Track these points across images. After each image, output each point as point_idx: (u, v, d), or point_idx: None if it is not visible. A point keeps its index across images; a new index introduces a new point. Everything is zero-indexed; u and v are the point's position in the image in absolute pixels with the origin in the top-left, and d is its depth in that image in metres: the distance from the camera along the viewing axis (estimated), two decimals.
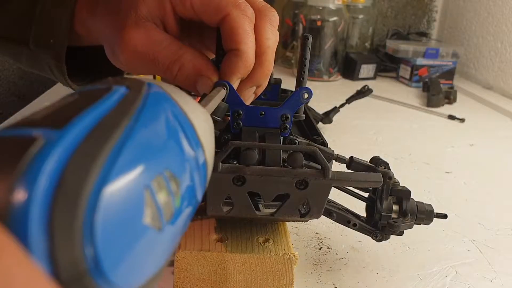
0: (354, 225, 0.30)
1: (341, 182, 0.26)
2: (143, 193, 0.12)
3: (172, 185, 0.14)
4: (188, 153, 0.16)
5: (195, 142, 0.16)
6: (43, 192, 0.10)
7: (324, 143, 0.34)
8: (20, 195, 0.09)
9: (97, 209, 0.10)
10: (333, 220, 0.30)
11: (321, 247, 0.36)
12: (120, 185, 0.11)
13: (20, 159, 0.10)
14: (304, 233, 0.38)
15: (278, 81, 0.45)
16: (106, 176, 0.11)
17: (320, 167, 0.25)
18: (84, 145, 0.11)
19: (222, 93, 0.26)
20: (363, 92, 0.65)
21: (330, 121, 0.64)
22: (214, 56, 0.30)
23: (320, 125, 0.64)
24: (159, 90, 0.16)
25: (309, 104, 0.60)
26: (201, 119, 0.18)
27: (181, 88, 0.19)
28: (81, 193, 0.10)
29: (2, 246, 0.08)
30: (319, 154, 0.24)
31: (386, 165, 0.30)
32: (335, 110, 0.65)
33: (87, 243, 0.10)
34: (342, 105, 0.65)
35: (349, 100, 0.65)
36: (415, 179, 0.51)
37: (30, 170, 0.10)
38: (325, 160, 0.25)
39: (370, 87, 0.66)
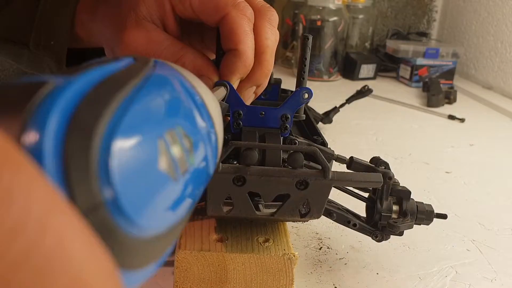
0: (354, 225, 0.30)
1: (341, 182, 0.26)
2: (157, 141, 0.12)
3: (185, 142, 0.14)
4: (200, 124, 0.16)
5: (207, 117, 0.17)
6: (56, 128, 0.10)
7: (324, 143, 0.34)
8: (32, 134, 0.09)
9: (112, 147, 0.10)
10: (333, 220, 0.30)
11: (321, 247, 0.36)
12: (133, 129, 0.11)
13: (32, 98, 0.10)
14: (304, 233, 0.38)
15: (278, 81, 0.45)
16: (120, 119, 0.11)
17: (320, 167, 0.25)
18: (96, 90, 0.11)
19: (222, 93, 0.27)
20: (363, 92, 0.65)
21: (330, 121, 0.64)
22: (215, 56, 0.30)
23: (320, 125, 0.64)
24: (168, 66, 0.17)
25: (309, 104, 0.60)
26: (211, 101, 0.18)
27: None
28: (95, 130, 0.10)
29: (19, 163, 0.08)
30: (319, 154, 0.24)
31: (386, 165, 0.30)
32: (335, 110, 0.65)
33: (103, 176, 0.10)
34: (342, 105, 0.65)
35: (349, 100, 0.65)
36: (415, 179, 0.51)
37: (42, 108, 0.10)
38: (325, 160, 0.25)
39: (370, 87, 0.66)
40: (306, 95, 0.30)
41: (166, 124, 0.13)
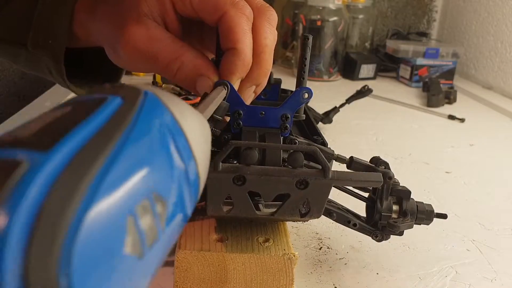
0: (354, 225, 0.30)
1: (341, 182, 0.26)
2: (126, 220, 0.12)
3: (158, 207, 0.13)
4: (179, 167, 0.15)
5: (187, 154, 0.16)
6: (23, 221, 0.10)
7: (324, 143, 0.34)
8: (0, 222, 0.09)
9: (76, 241, 0.10)
10: (333, 220, 0.30)
11: (321, 247, 0.36)
12: (101, 215, 0.11)
13: (3, 185, 0.10)
14: (304, 233, 0.38)
15: (278, 81, 0.45)
16: (88, 204, 0.11)
17: (320, 167, 0.25)
18: (69, 169, 0.11)
19: (223, 93, 0.26)
20: (363, 92, 0.65)
21: (330, 121, 0.64)
22: (214, 56, 0.30)
23: (320, 125, 0.64)
24: (154, 99, 0.16)
25: (309, 104, 0.60)
26: (196, 129, 0.17)
27: (181, 89, 0.19)
28: (61, 224, 0.10)
29: None
30: (319, 154, 0.24)
31: (386, 165, 0.30)
32: (335, 110, 0.65)
33: (63, 274, 0.10)
34: (342, 105, 0.65)
35: (349, 100, 0.65)
36: (415, 179, 0.51)
37: (12, 198, 0.10)
38: (325, 160, 0.25)
39: (370, 87, 0.66)
40: (306, 95, 0.30)
41: (140, 194, 0.12)
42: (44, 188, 0.10)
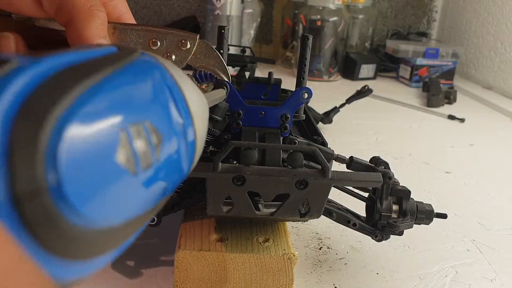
0: (354, 225, 0.30)
1: (341, 182, 0.26)
2: (118, 133, 0.12)
3: (153, 137, 0.14)
4: (175, 119, 0.15)
5: (185, 112, 0.16)
6: (6, 108, 0.09)
7: (324, 143, 0.34)
8: None
9: (64, 133, 0.10)
10: (333, 220, 0.30)
11: (321, 247, 0.36)
12: (93, 118, 0.11)
13: None
14: (304, 233, 0.38)
15: (278, 81, 0.45)
16: (80, 105, 0.11)
17: (320, 167, 0.25)
18: (61, 74, 0.11)
19: (222, 92, 0.27)
20: (363, 92, 0.65)
21: (330, 121, 0.64)
22: None
23: (320, 125, 0.64)
24: (152, 58, 0.16)
25: (309, 104, 0.60)
26: (195, 97, 0.18)
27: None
28: (48, 114, 0.10)
29: None
30: (319, 154, 0.24)
31: (386, 165, 0.30)
32: (335, 110, 0.65)
33: (49, 161, 0.10)
34: (342, 105, 0.65)
35: (349, 100, 0.65)
36: (415, 179, 0.51)
37: None
38: (325, 160, 0.25)
39: (370, 87, 0.66)
40: (306, 95, 0.30)
41: (133, 117, 0.13)
42: (32, 83, 0.10)
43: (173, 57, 0.26)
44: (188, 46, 0.26)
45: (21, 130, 0.10)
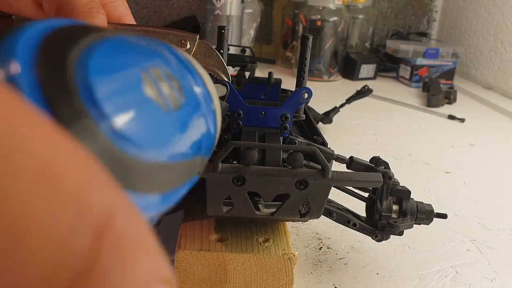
0: (354, 225, 0.30)
1: (341, 182, 0.26)
2: (140, 71, 0.12)
3: (173, 83, 0.14)
4: (193, 86, 0.16)
5: (202, 85, 0.16)
6: (28, 53, 0.10)
7: (324, 143, 0.34)
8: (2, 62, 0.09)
9: (89, 64, 0.10)
10: (333, 220, 0.30)
11: (321, 247, 0.36)
12: (111, 56, 0.12)
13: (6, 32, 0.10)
14: (304, 233, 0.38)
15: (278, 81, 0.45)
16: (96, 46, 0.11)
17: (320, 167, 0.25)
18: (73, 27, 0.12)
19: (222, 88, 0.27)
20: (363, 92, 0.65)
21: (330, 121, 0.64)
22: None
23: (320, 125, 0.64)
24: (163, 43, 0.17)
25: (309, 104, 0.60)
26: (209, 79, 0.18)
27: None
28: (69, 52, 0.10)
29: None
30: (319, 154, 0.24)
31: (386, 165, 0.30)
32: (335, 110, 0.65)
33: (83, 91, 0.10)
34: (342, 105, 0.65)
35: (349, 100, 0.65)
36: (415, 179, 0.51)
37: (12, 37, 0.10)
38: (325, 160, 0.25)
39: (370, 87, 0.66)
40: (306, 95, 0.30)
41: (151, 61, 0.13)
42: (45, 31, 0.11)
43: None
44: (188, 46, 0.26)
45: (47, 70, 0.10)
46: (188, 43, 0.26)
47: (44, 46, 0.10)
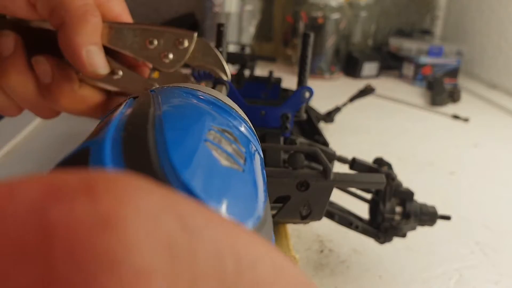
0: (356, 227, 0.29)
1: (342, 183, 0.25)
2: (205, 144, 0.13)
3: (227, 135, 0.15)
4: (239, 127, 0.16)
5: (241, 119, 0.17)
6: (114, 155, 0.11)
7: (325, 143, 0.33)
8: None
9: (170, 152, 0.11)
10: (335, 222, 0.29)
11: (323, 250, 0.35)
12: (178, 137, 0.12)
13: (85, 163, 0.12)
14: (306, 236, 0.37)
15: (278, 80, 0.44)
16: (161, 129, 0.12)
17: (322, 168, 0.25)
18: (129, 122, 0.13)
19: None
20: (366, 92, 0.64)
21: (332, 121, 0.64)
22: None
23: (322, 125, 0.63)
24: (169, 88, 0.17)
25: (311, 104, 0.60)
26: (234, 105, 0.19)
27: None
28: (146, 131, 0.12)
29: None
30: (320, 155, 0.24)
31: (389, 166, 0.29)
32: (337, 110, 0.64)
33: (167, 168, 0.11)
34: (344, 105, 0.64)
35: (351, 100, 0.64)
36: (419, 180, 0.50)
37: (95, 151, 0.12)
38: (326, 161, 0.24)
39: (372, 86, 0.65)
40: (307, 94, 0.29)
41: (203, 127, 0.14)
42: (117, 134, 0.12)
43: (171, 56, 0.25)
44: (186, 44, 0.25)
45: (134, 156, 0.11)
46: (185, 42, 0.25)
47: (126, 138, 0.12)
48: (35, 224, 0.07)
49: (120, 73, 0.26)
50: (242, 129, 0.17)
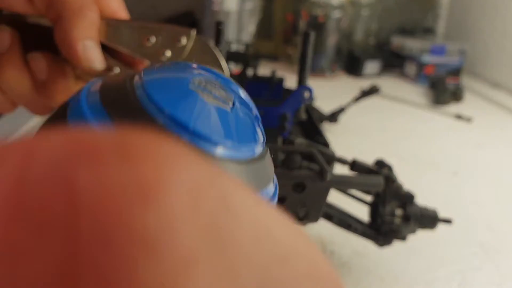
0: (356, 229, 0.29)
1: (339, 185, 0.25)
2: (188, 85, 0.13)
3: (213, 84, 0.15)
4: (228, 83, 0.17)
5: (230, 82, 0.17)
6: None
7: (326, 144, 0.32)
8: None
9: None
10: (334, 224, 0.29)
11: (324, 252, 0.35)
12: (159, 78, 0.13)
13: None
14: None
15: (281, 80, 0.44)
16: (142, 78, 0.13)
17: None
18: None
19: None
20: (371, 92, 0.64)
21: (335, 121, 0.63)
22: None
23: (326, 125, 0.63)
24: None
25: (314, 104, 0.59)
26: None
27: None
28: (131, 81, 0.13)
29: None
30: (317, 156, 0.23)
31: (390, 168, 0.29)
32: (341, 110, 0.63)
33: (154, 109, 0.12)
34: (349, 105, 0.64)
35: (356, 100, 0.64)
36: (421, 180, 0.50)
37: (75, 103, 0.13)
38: (323, 162, 0.24)
39: (376, 86, 0.64)
40: (307, 94, 0.29)
41: (184, 76, 0.14)
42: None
43: (168, 53, 0.25)
44: (184, 42, 0.25)
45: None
46: (184, 39, 0.25)
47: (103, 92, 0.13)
48: (58, 189, 0.06)
49: (117, 70, 0.25)
50: (233, 86, 0.17)
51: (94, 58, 0.23)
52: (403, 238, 0.29)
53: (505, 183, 0.51)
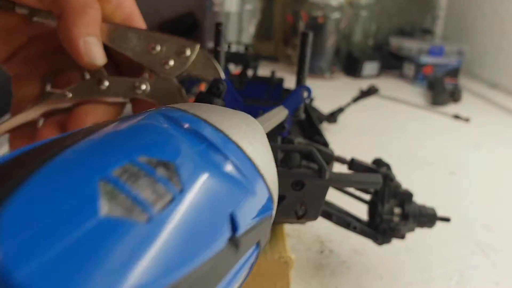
0: (354, 228, 0.29)
1: (338, 183, 0.25)
2: (96, 183, 0.10)
3: (159, 170, 0.12)
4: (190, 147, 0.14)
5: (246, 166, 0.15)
6: None
7: (325, 144, 0.33)
8: None
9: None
10: (333, 222, 0.29)
11: (323, 250, 0.35)
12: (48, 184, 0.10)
13: None
14: (306, 236, 0.37)
15: (281, 81, 0.44)
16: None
17: None
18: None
19: (284, 112, 0.26)
20: (370, 92, 0.64)
21: (335, 121, 0.64)
22: None
23: (325, 125, 0.63)
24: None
25: (314, 104, 0.59)
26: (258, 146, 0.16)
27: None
28: None
29: None
30: (316, 154, 0.24)
31: (388, 166, 0.29)
32: (341, 110, 0.64)
33: None
34: (348, 105, 0.64)
35: (355, 100, 0.64)
36: (419, 180, 0.50)
37: None
38: (322, 160, 0.24)
39: (375, 86, 0.65)
40: (305, 94, 0.29)
41: (114, 160, 0.11)
42: None
43: (171, 62, 0.25)
44: (188, 53, 0.26)
45: None
46: (188, 51, 0.26)
47: None
48: None
49: (106, 83, 0.25)
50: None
51: (95, 54, 0.23)
52: (401, 236, 0.29)
53: (502, 182, 0.51)
